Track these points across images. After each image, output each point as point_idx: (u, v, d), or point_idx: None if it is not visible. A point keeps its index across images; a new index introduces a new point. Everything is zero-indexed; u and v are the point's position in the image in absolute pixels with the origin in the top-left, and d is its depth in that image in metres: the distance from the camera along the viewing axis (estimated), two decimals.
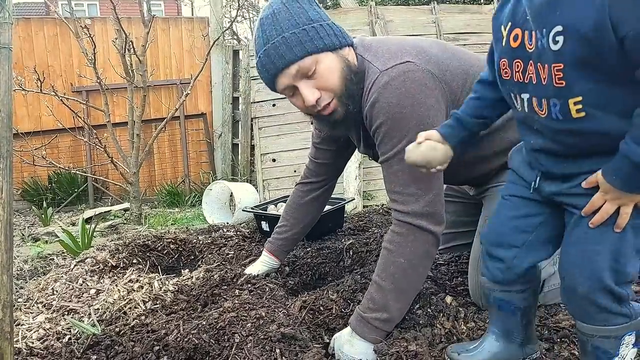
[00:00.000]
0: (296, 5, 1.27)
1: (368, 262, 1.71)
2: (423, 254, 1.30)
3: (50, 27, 5.01)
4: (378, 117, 1.28)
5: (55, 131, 4.69)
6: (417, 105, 1.24)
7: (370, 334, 1.25)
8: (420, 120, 1.24)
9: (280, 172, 4.50)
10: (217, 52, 5.17)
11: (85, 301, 1.90)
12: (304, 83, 1.28)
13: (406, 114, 1.24)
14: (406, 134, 1.25)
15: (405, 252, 1.29)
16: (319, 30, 1.26)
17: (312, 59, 1.25)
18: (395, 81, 1.25)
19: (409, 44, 1.34)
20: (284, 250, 1.84)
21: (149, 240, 2.24)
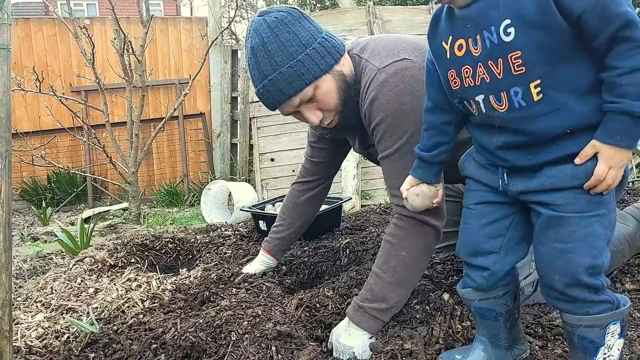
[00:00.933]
0: (285, 30, 1.26)
1: (364, 261, 1.72)
2: (424, 247, 1.32)
3: (49, 27, 5.01)
4: (377, 114, 1.30)
5: (54, 131, 4.70)
6: (415, 101, 1.25)
7: (367, 322, 1.27)
8: (420, 115, 1.25)
9: (279, 172, 4.51)
10: (215, 52, 5.18)
11: (84, 300, 1.91)
12: (305, 108, 1.32)
13: (405, 110, 1.26)
14: (406, 130, 1.27)
15: (407, 245, 1.31)
16: (313, 57, 1.27)
17: (312, 87, 1.28)
18: (393, 78, 1.27)
19: (405, 41, 1.36)
20: (281, 249, 1.85)
21: (147, 240, 2.25)
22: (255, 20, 1.30)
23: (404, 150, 1.28)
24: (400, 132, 1.28)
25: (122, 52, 3.71)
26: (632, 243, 1.59)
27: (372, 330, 1.28)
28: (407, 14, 4.78)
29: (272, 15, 1.27)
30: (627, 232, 1.58)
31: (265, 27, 1.25)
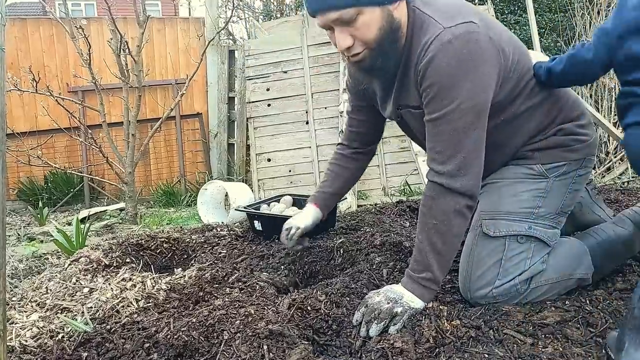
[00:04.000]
0: None
1: (358, 261, 1.73)
2: (455, 214, 1.32)
3: (46, 28, 5.02)
4: (432, 75, 1.28)
5: (51, 131, 4.70)
6: (473, 70, 1.26)
7: (420, 290, 1.33)
8: (474, 85, 1.26)
9: (275, 172, 4.52)
10: (212, 52, 5.19)
11: (79, 300, 1.92)
12: (340, 29, 1.29)
13: (461, 77, 1.26)
14: (457, 97, 1.26)
15: (437, 213, 1.33)
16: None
17: (355, 10, 1.25)
18: (458, 40, 1.25)
19: (465, 4, 1.36)
20: (327, 204, 1.89)
21: (142, 240, 2.25)
22: None
23: (451, 116, 1.28)
24: (450, 98, 1.27)
25: (119, 52, 3.71)
26: (628, 247, 1.60)
27: (424, 299, 1.33)
28: None
29: None
30: (623, 236, 1.59)
31: None
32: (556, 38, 5.12)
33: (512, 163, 1.51)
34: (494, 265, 1.42)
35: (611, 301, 1.47)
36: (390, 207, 2.66)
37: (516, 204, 1.45)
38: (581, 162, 1.50)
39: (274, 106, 4.60)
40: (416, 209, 2.60)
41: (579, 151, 1.48)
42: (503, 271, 1.41)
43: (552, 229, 1.48)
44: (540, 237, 1.44)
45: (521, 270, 1.42)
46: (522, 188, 1.46)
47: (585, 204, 1.93)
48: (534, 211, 1.45)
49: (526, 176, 1.48)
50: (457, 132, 1.29)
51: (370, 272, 1.57)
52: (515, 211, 1.44)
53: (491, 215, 1.46)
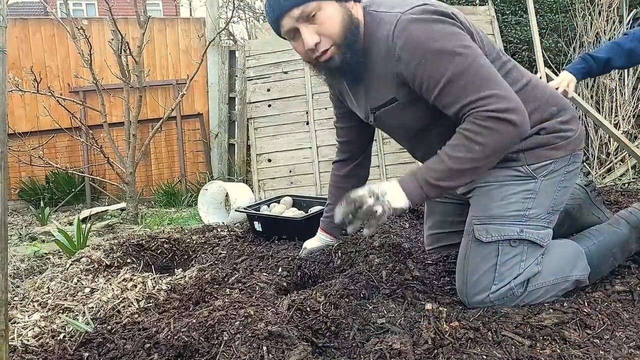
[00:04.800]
0: None
1: (357, 263, 1.74)
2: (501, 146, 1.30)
3: (48, 28, 5.03)
4: (415, 54, 1.30)
5: (52, 131, 4.70)
6: (446, 29, 1.29)
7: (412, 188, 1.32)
8: (455, 38, 1.28)
9: (276, 172, 4.52)
10: (213, 53, 5.19)
11: (80, 300, 1.93)
12: (305, 27, 1.34)
13: (441, 39, 1.28)
14: (446, 56, 1.27)
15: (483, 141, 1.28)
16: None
17: (316, 4, 1.31)
18: (418, 18, 1.29)
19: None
20: (334, 226, 1.92)
21: (143, 240, 2.27)
22: None
23: (454, 71, 1.27)
24: (442, 59, 1.28)
25: (120, 53, 3.72)
26: (624, 248, 1.61)
27: (413, 197, 1.33)
28: None
29: None
30: (619, 236, 1.60)
31: None
32: (557, 38, 5.11)
33: (498, 165, 1.48)
34: (489, 271, 1.43)
35: (609, 303, 1.48)
36: None
37: (506, 208, 1.45)
38: (568, 159, 1.50)
39: (274, 107, 4.60)
40: (415, 210, 2.61)
41: (565, 148, 1.47)
42: (498, 276, 1.42)
43: (544, 229, 1.48)
44: (533, 239, 1.44)
45: (516, 273, 1.42)
46: (511, 190, 1.46)
47: (585, 206, 1.94)
48: (525, 213, 1.45)
49: (514, 178, 1.47)
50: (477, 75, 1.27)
51: (369, 273, 1.58)
52: (506, 215, 1.45)
53: (482, 220, 1.47)
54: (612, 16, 4.89)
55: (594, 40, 4.84)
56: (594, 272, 1.55)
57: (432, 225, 1.89)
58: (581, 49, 4.85)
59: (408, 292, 1.49)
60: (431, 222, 1.90)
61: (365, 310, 1.37)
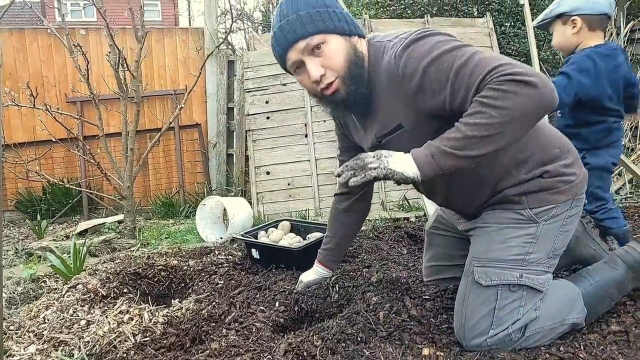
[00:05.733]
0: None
1: (355, 299, 1.73)
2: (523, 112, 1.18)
3: (44, 38, 5.00)
4: (418, 69, 1.29)
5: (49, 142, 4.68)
6: (443, 40, 1.30)
7: (425, 159, 1.24)
8: (452, 42, 1.29)
9: (274, 185, 4.52)
10: (211, 63, 5.18)
11: (76, 332, 1.92)
12: (310, 59, 1.36)
13: (437, 48, 1.28)
14: (451, 50, 1.27)
15: (501, 105, 1.17)
16: (331, 15, 1.36)
17: (321, 37, 1.35)
18: (417, 38, 1.32)
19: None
20: (331, 260, 1.94)
21: (140, 268, 2.26)
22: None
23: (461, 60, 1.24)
24: (451, 55, 1.26)
25: (117, 67, 3.71)
26: (621, 288, 1.60)
27: (424, 170, 1.24)
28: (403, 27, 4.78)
29: None
30: (615, 276, 1.60)
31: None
32: (555, 50, 5.12)
33: (500, 207, 1.49)
34: (488, 315, 1.42)
35: (605, 346, 1.47)
36: (389, 232, 2.66)
37: (506, 251, 1.44)
38: (570, 203, 1.48)
39: (272, 119, 4.59)
40: (413, 235, 2.60)
41: (567, 192, 1.46)
42: (497, 320, 1.42)
43: (544, 274, 1.47)
44: (532, 285, 1.44)
45: (514, 319, 1.42)
46: (512, 234, 1.45)
47: (581, 238, 1.94)
48: (525, 258, 1.44)
49: (515, 221, 1.46)
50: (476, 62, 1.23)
51: (366, 314, 1.57)
52: (506, 259, 1.44)
53: (482, 263, 1.47)
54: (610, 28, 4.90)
55: None
56: (591, 313, 1.54)
57: (432, 257, 1.89)
58: None
59: (405, 334, 1.49)
60: (431, 254, 1.89)
61: (363, 356, 1.36)
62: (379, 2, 5.34)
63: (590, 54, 1.93)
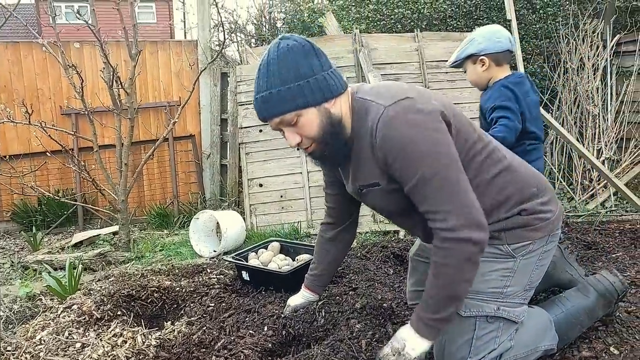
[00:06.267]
0: (289, 58, 1.39)
1: (339, 325, 1.81)
2: (466, 262, 1.35)
3: (39, 51, 5.04)
4: (391, 151, 1.37)
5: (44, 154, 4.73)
6: (423, 131, 1.35)
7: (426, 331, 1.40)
8: (430, 144, 1.35)
9: (267, 197, 4.59)
10: (205, 75, 5.24)
11: (71, 355, 1.99)
12: (286, 129, 1.45)
13: (416, 141, 1.34)
14: (421, 160, 1.35)
15: (451, 263, 1.35)
16: (304, 89, 1.39)
17: (294, 114, 1.41)
18: (399, 115, 1.36)
19: (408, 86, 1.49)
20: (318, 284, 2.01)
21: (133, 290, 2.32)
22: (275, 41, 1.44)
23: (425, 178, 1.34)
24: (416, 164, 1.35)
25: (111, 84, 3.77)
26: (591, 315, 1.69)
27: (430, 338, 1.41)
28: (393, 42, 4.87)
29: (287, 42, 1.41)
30: (586, 304, 1.68)
31: (276, 49, 1.41)
32: (542, 63, 5.21)
33: None
34: (466, 344, 1.49)
35: None
36: (376, 253, 2.74)
37: (485, 284, 1.51)
38: (546, 239, 1.55)
39: (265, 132, 4.66)
40: (399, 255, 2.69)
41: (543, 229, 1.53)
42: (474, 349, 1.49)
43: (520, 305, 1.55)
44: (508, 317, 1.51)
45: (491, 348, 1.49)
46: (491, 267, 1.52)
47: (559, 263, 2.02)
48: (503, 291, 1.51)
49: (494, 255, 1.52)
50: (437, 189, 1.34)
51: (349, 342, 1.65)
52: (485, 291, 1.51)
53: None
54: (596, 41, 5.00)
55: (578, 65, 4.94)
56: (562, 339, 1.63)
57: (415, 282, 1.96)
58: (565, 75, 4.96)
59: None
60: (414, 279, 1.96)
61: None
62: (369, 17, 5.42)
63: (505, 84, 2.15)
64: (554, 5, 5.38)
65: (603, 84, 4.94)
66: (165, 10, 18.39)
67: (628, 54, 5.08)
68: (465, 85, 4.75)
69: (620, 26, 5.19)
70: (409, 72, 4.70)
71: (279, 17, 6.06)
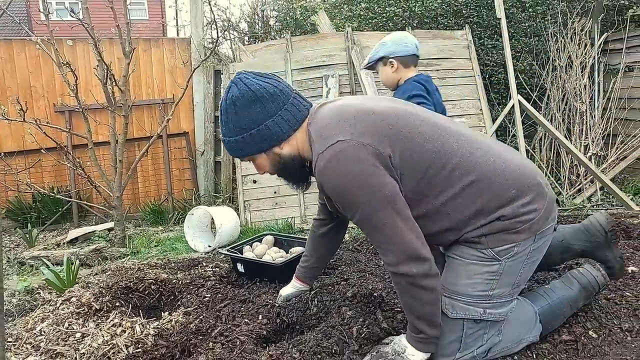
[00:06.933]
0: (233, 110, 1.53)
1: (331, 312, 1.88)
2: (416, 289, 1.45)
3: (32, 49, 5.06)
4: (332, 195, 1.49)
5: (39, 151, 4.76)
6: (357, 178, 1.40)
7: (420, 346, 1.52)
8: (365, 190, 1.41)
9: (261, 193, 4.65)
10: (198, 72, 5.28)
11: (72, 345, 2.05)
12: (252, 163, 1.64)
13: (351, 189, 1.42)
14: (357, 206, 1.43)
15: (404, 291, 1.49)
16: (254, 138, 1.53)
17: (249, 158, 1.61)
18: (330, 164, 1.42)
19: (350, 116, 1.49)
20: (309, 276, 2.09)
21: (131, 282, 2.38)
22: (229, 83, 1.57)
23: (363, 221, 1.45)
24: (353, 209, 1.45)
25: (105, 82, 3.81)
26: (573, 306, 1.77)
27: (425, 350, 1.53)
28: None
29: (233, 91, 1.54)
30: (570, 295, 1.76)
31: (225, 99, 1.57)
32: (531, 61, 5.30)
33: (465, 244, 1.56)
34: (455, 340, 1.56)
35: (555, 354, 1.65)
36: (367, 245, 2.82)
37: (472, 287, 1.53)
38: (533, 239, 1.51)
39: None
40: None
41: (527, 231, 1.49)
42: (464, 345, 1.56)
43: (508, 304, 1.58)
44: (494, 319, 1.56)
45: (479, 344, 1.57)
46: (476, 271, 1.53)
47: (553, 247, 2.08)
48: (489, 293, 1.53)
49: (479, 259, 1.53)
50: (377, 230, 1.44)
51: (341, 327, 1.72)
52: (472, 294, 1.53)
53: (450, 294, 1.56)
54: (585, 39, 5.09)
55: (566, 63, 5.04)
56: (545, 329, 1.71)
57: None
58: (554, 72, 5.05)
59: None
60: None
61: None
62: (361, 15, 5.48)
63: (416, 79, 2.36)
64: (543, 4, 5.47)
65: (591, 82, 5.04)
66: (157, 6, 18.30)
67: (615, 51, 5.18)
68: (456, 83, 4.84)
69: (608, 24, 5.28)
70: None
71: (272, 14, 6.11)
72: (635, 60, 4.95)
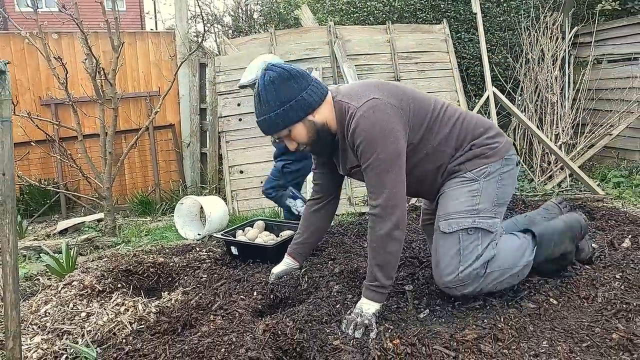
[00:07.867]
0: (273, 88, 1.81)
1: (321, 286, 2.06)
2: (387, 237, 1.80)
3: (17, 42, 5.10)
4: (357, 139, 1.81)
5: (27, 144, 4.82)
6: (382, 130, 1.78)
7: (372, 295, 1.82)
8: (385, 141, 1.77)
9: (248, 183, 4.79)
10: (184, 65, 5.37)
11: (78, 323, 2.18)
12: (285, 139, 1.93)
13: (376, 136, 1.78)
14: (375, 151, 1.78)
15: (374, 237, 1.83)
16: (291, 110, 1.83)
17: (285, 130, 1.87)
18: (366, 113, 1.79)
19: (368, 84, 1.93)
20: (300, 252, 2.29)
21: (130, 265, 2.52)
22: (261, 72, 1.85)
23: (374, 164, 1.78)
24: (371, 152, 1.78)
25: (94, 75, 3.90)
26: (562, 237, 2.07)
27: (377, 300, 1.83)
28: (366, 34, 5.11)
29: (269, 74, 1.82)
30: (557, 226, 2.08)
31: (263, 82, 1.84)
32: (505, 54, 5.54)
33: (450, 178, 1.97)
34: (455, 255, 1.86)
35: (520, 318, 1.85)
36: (351, 229, 3.00)
37: (461, 205, 1.90)
38: (501, 162, 1.94)
39: (245, 121, 4.86)
40: None
41: (494, 155, 1.94)
42: (463, 258, 1.85)
43: (492, 218, 1.91)
44: (483, 227, 1.87)
45: (477, 254, 1.85)
46: (461, 191, 1.92)
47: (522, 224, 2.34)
48: (475, 207, 1.89)
49: (462, 183, 1.93)
50: (379, 175, 1.79)
51: (329, 300, 1.91)
52: (461, 210, 1.89)
53: (444, 218, 1.91)
54: (556, 33, 5.34)
55: (539, 55, 5.29)
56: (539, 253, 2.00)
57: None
58: (527, 65, 5.29)
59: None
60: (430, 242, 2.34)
61: (324, 333, 1.70)
62: (343, 9, 5.64)
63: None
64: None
65: (561, 74, 5.31)
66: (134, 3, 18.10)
67: (585, 44, 5.45)
68: (434, 75, 5.04)
69: (578, 18, 5.53)
70: (381, 62, 4.95)
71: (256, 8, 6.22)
72: (603, 52, 5.23)
